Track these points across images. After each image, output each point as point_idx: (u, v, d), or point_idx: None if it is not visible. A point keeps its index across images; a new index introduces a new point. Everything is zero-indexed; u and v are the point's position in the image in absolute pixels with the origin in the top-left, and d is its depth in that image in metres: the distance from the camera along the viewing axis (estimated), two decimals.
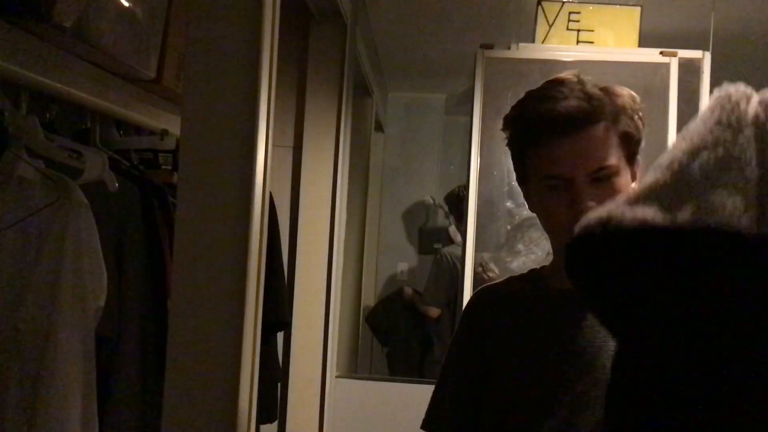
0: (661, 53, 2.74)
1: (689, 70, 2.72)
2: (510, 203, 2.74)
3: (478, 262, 2.70)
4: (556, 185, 1.09)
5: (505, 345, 1.19)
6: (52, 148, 1.40)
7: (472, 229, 2.69)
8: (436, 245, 4.68)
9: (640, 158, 1.15)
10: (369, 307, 4.45)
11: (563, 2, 2.84)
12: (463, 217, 2.85)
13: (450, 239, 4.33)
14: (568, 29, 2.85)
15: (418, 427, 1.31)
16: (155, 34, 1.63)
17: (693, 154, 0.69)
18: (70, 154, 1.46)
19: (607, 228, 0.69)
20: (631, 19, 2.85)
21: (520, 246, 2.69)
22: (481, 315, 1.26)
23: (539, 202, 1.15)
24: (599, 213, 0.71)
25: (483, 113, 2.72)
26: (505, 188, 2.74)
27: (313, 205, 2.60)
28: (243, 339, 1.25)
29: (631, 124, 1.11)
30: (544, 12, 2.86)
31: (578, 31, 2.85)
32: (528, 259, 2.66)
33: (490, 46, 2.79)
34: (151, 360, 1.52)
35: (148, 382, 1.51)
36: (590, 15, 2.86)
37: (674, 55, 2.72)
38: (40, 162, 1.33)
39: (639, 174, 1.15)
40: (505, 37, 2.89)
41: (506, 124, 1.16)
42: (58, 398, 1.27)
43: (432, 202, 4.90)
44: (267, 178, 1.36)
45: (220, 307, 1.26)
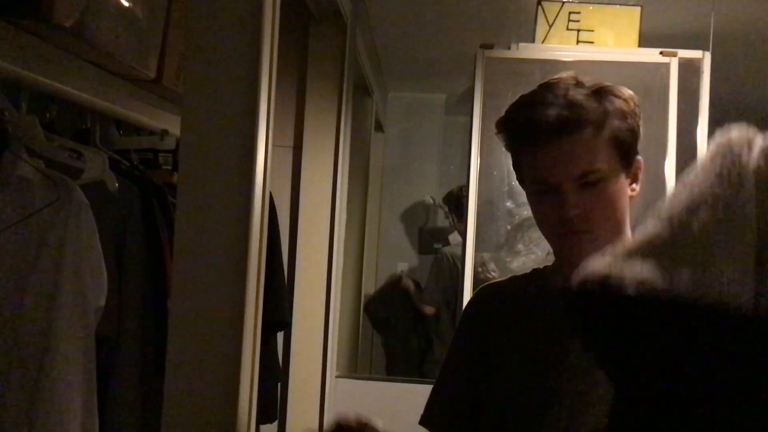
0: (661, 53, 2.74)
1: (689, 70, 2.72)
2: (510, 203, 2.74)
3: (479, 262, 2.70)
4: (544, 190, 1.11)
5: (506, 343, 1.19)
6: (52, 148, 1.40)
7: (472, 229, 2.69)
8: (436, 245, 4.68)
9: (640, 158, 1.14)
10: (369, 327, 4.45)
11: (563, 2, 2.84)
12: (463, 217, 2.86)
13: (449, 243, 4.36)
14: (568, 29, 2.85)
15: (417, 427, 1.31)
16: (155, 34, 1.63)
17: (692, 209, 0.69)
18: (70, 154, 1.46)
19: (605, 286, 0.70)
20: (631, 19, 2.84)
21: (520, 246, 2.69)
22: (483, 312, 1.26)
23: (531, 205, 1.17)
24: (598, 268, 0.72)
25: (483, 113, 2.72)
26: (505, 188, 2.74)
27: (313, 205, 2.60)
28: (243, 339, 1.25)
29: (622, 127, 1.09)
30: (544, 12, 2.85)
31: (578, 31, 2.85)
32: (528, 259, 2.66)
33: (490, 46, 2.79)
34: (151, 360, 1.52)
35: (148, 382, 1.51)
36: (590, 15, 2.86)
37: (674, 55, 2.72)
38: (40, 162, 1.33)
39: (640, 175, 1.15)
40: (505, 37, 2.89)
41: (497, 127, 1.17)
42: (58, 398, 1.27)
43: (432, 202, 4.90)
44: (267, 178, 1.36)
45: (220, 307, 1.26)
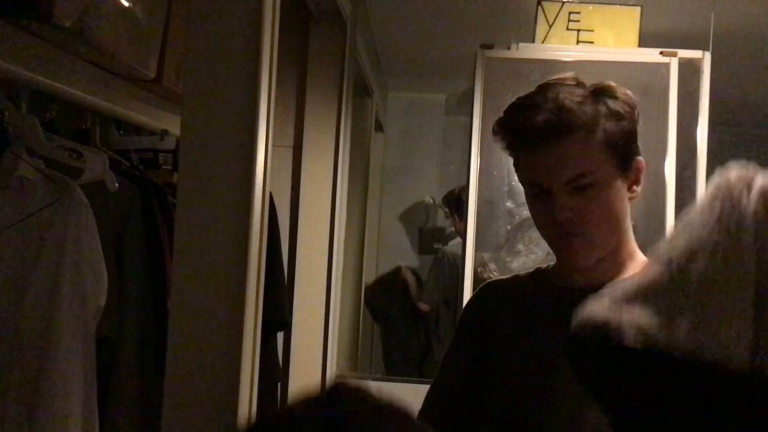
0: (661, 53, 2.73)
1: (689, 70, 2.72)
2: (510, 203, 2.74)
3: (478, 262, 2.70)
4: (537, 193, 1.12)
5: (506, 341, 1.19)
6: (52, 148, 1.40)
7: (472, 229, 2.69)
8: (436, 245, 4.69)
9: (641, 159, 1.13)
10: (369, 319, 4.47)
11: (563, 2, 2.84)
12: (463, 217, 2.86)
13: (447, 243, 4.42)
14: (568, 29, 2.85)
15: None
16: (155, 34, 1.63)
17: (691, 256, 0.69)
18: (70, 154, 1.46)
19: (603, 332, 0.70)
20: (631, 19, 2.84)
21: (520, 246, 2.69)
22: (484, 309, 1.26)
23: (528, 206, 1.18)
24: (596, 313, 0.72)
25: (483, 113, 2.72)
26: (505, 188, 2.74)
27: (313, 205, 2.60)
28: (243, 339, 1.25)
29: (617, 129, 1.09)
30: (544, 12, 2.85)
31: (578, 31, 2.85)
32: (528, 259, 2.66)
33: (490, 46, 2.79)
34: (151, 360, 1.52)
35: (148, 382, 1.51)
36: (590, 15, 2.85)
37: (674, 55, 2.72)
38: (40, 162, 1.33)
39: (642, 177, 1.14)
40: (505, 37, 2.89)
41: (493, 130, 1.17)
42: (58, 398, 1.27)
43: (432, 202, 4.90)
44: (267, 178, 1.36)
45: (220, 307, 1.26)
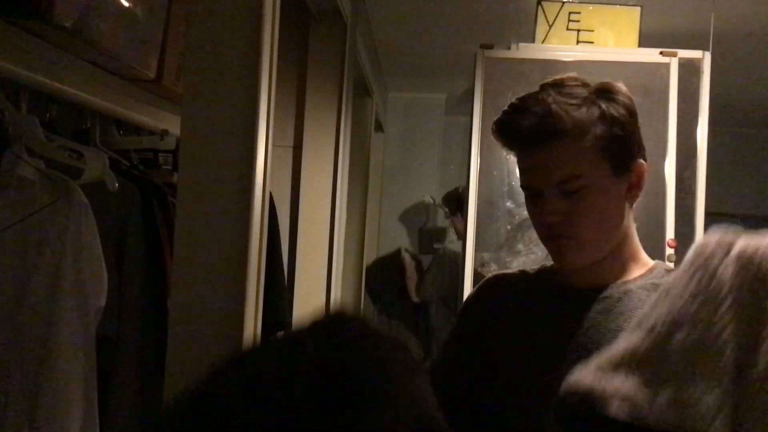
0: (661, 53, 2.74)
1: (689, 70, 2.72)
2: (510, 203, 2.74)
3: (479, 262, 2.70)
4: (531, 195, 1.13)
5: (509, 333, 1.18)
6: (52, 148, 1.40)
7: (472, 229, 2.69)
8: (436, 245, 4.69)
9: (642, 162, 1.12)
10: (369, 306, 4.49)
11: (563, 2, 2.84)
12: (462, 217, 2.86)
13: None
14: (568, 29, 2.85)
15: None
16: (155, 34, 1.63)
17: (673, 325, 0.72)
18: (70, 154, 1.46)
19: (587, 401, 0.73)
20: (631, 19, 2.85)
21: (520, 246, 2.69)
22: (491, 299, 1.26)
23: (526, 207, 1.19)
24: (581, 381, 0.74)
25: (483, 113, 2.72)
26: (505, 188, 2.74)
27: (313, 205, 2.60)
28: (243, 339, 1.25)
29: (611, 133, 1.08)
30: (544, 12, 2.86)
31: (578, 31, 2.85)
32: (528, 259, 2.66)
33: (490, 46, 2.80)
34: (151, 360, 1.52)
35: (148, 382, 1.51)
36: (590, 15, 2.86)
37: (674, 55, 2.72)
38: (40, 162, 1.33)
39: (643, 180, 1.13)
40: (505, 37, 2.89)
41: (492, 131, 1.17)
42: (58, 398, 1.27)
43: (432, 202, 4.90)
44: (267, 178, 1.36)
45: (220, 307, 1.26)
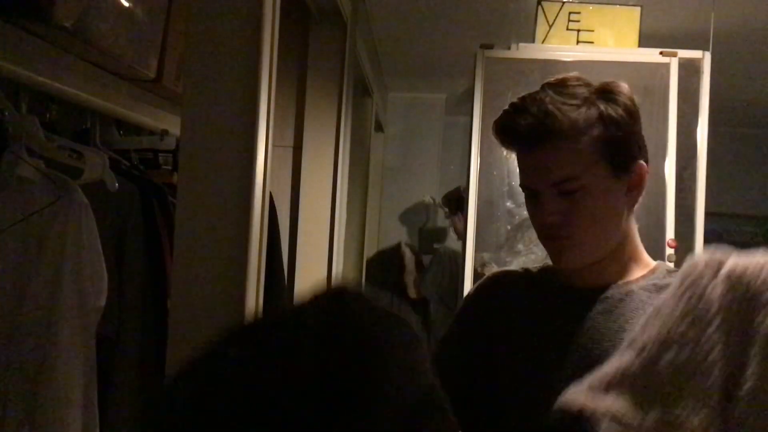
0: (661, 53, 2.74)
1: (689, 70, 2.72)
2: (510, 203, 2.74)
3: (479, 262, 2.70)
4: (529, 195, 1.13)
5: (508, 332, 1.18)
6: (52, 148, 1.40)
7: (472, 229, 2.69)
8: (436, 245, 4.69)
9: (643, 163, 1.11)
10: None
11: (563, 2, 2.84)
12: (462, 217, 2.86)
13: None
14: (568, 29, 2.85)
15: None
16: (155, 34, 1.63)
17: (662, 346, 0.73)
18: (70, 154, 1.46)
19: (579, 420, 0.75)
20: (631, 19, 2.85)
21: (520, 246, 2.69)
22: (492, 296, 1.25)
23: (526, 206, 1.19)
24: (573, 400, 0.76)
25: (483, 113, 2.72)
26: (505, 188, 2.74)
27: (313, 205, 2.60)
28: None
29: (610, 134, 1.07)
30: (544, 12, 2.86)
31: (578, 31, 2.85)
32: (528, 259, 2.66)
33: (490, 46, 2.80)
34: (151, 360, 1.52)
35: (148, 382, 1.51)
36: (590, 15, 2.86)
37: (674, 55, 2.72)
38: (40, 162, 1.33)
39: (644, 181, 1.12)
40: (505, 37, 2.89)
41: (492, 130, 1.17)
42: (58, 398, 1.27)
43: (432, 202, 4.90)
44: (267, 178, 1.36)
45: (220, 307, 1.26)
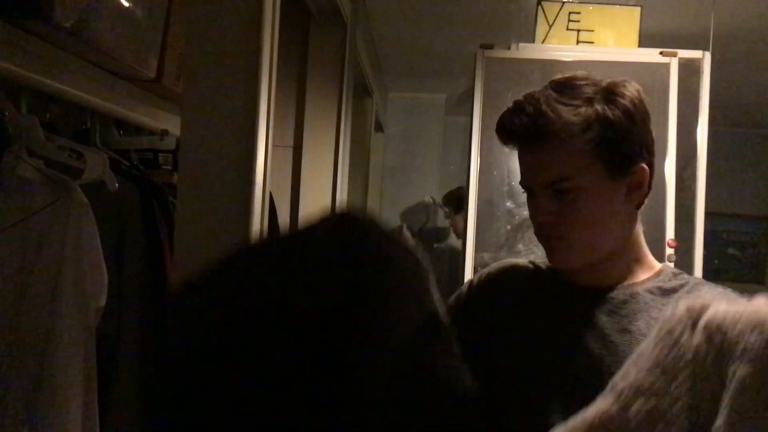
0: (661, 53, 2.74)
1: (689, 70, 2.72)
2: (510, 203, 2.74)
3: (479, 263, 2.70)
4: (528, 194, 1.13)
5: (511, 329, 1.17)
6: (52, 148, 1.40)
7: (472, 229, 2.69)
8: (436, 245, 4.69)
9: (645, 166, 1.08)
10: None
11: (563, 2, 2.85)
12: (462, 217, 2.86)
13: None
14: (568, 29, 2.85)
15: None
16: (155, 34, 1.63)
17: (636, 393, 0.77)
18: (70, 154, 1.46)
19: None
20: (631, 19, 2.85)
21: (520, 246, 2.69)
22: (500, 285, 1.25)
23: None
24: None
25: (483, 113, 2.72)
26: (505, 188, 2.74)
27: (313, 205, 2.60)
28: None
29: (606, 136, 1.05)
30: (544, 12, 2.86)
31: (578, 31, 2.85)
32: (528, 259, 2.65)
33: (490, 46, 2.80)
34: (151, 360, 1.52)
35: (148, 382, 1.51)
36: (590, 15, 2.86)
37: (674, 55, 2.72)
38: (40, 162, 1.33)
39: (645, 184, 1.10)
40: (505, 37, 2.89)
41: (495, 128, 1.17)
42: (58, 398, 1.27)
43: (432, 202, 4.90)
44: (267, 178, 1.36)
45: None
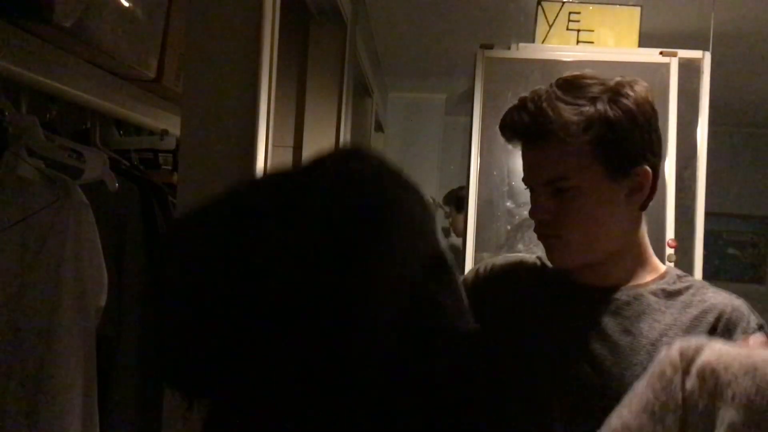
0: (661, 53, 2.74)
1: (689, 70, 2.72)
2: (510, 203, 2.74)
3: (474, 269, 2.69)
4: (529, 190, 1.13)
5: (513, 326, 1.16)
6: (52, 148, 1.40)
7: (472, 229, 2.69)
8: None
9: (647, 168, 1.07)
10: None
11: (563, 2, 2.85)
12: (462, 217, 2.86)
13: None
14: (568, 29, 2.85)
15: None
16: (155, 34, 1.63)
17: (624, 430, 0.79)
18: (70, 154, 1.46)
19: None
20: (631, 19, 2.85)
21: (520, 246, 2.68)
22: (505, 279, 1.26)
23: None
24: None
25: (483, 113, 2.72)
26: (505, 188, 2.74)
27: None
28: None
29: (607, 136, 1.04)
30: (544, 12, 2.86)
31: (578, 31, 2.85)
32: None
33: (490, 46, 2.80)
34: (152, 360, 1.52)
35: (148, 382, 1.51)
36: (590, 15, 2.86)
37: (674, 55, 2.72)
38: (40, 162, 1.33)
39: (646, 186, 1.08)
40: (505, 37, 2.89)
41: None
42: (58, 398, 1.27)
43: (432, 201, 4.91)
44: None
45: None
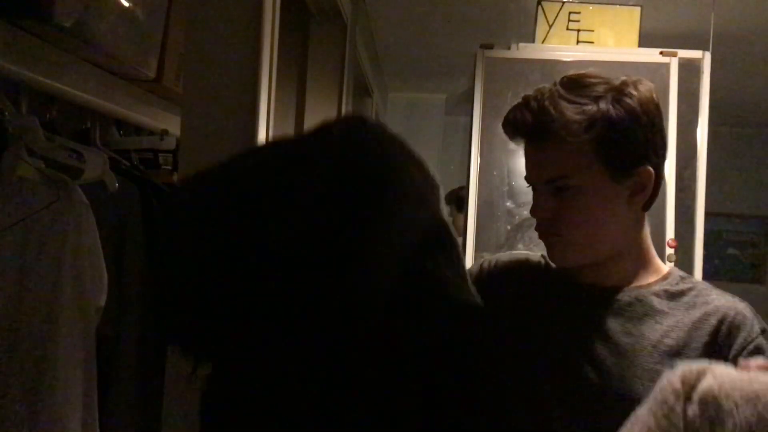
0: (661, 53, 2.73)
1: (689, 70, 2.72)
2: (510, 203, 2.74)
3: (479, 263, 2.69)
4: (532, 189, 1.13)
5: (516, 324, 1.17)
6: (52, 148, 1.40)
7: (473, 229, 2.69)
8: None
9: (650, 168, 1.07)
10: None
11: (563, 2, 2.85)
12: (463, 217, 2.85)
13: None
14: (568, 29, 2.85)
15: None
16: (155, 34, 1.64)
17: None
18: (70, 154, 1.46)
19: None
20: (631, 19, 2.85)
21: (520, 246, 2.68)
22: (509, 276, 1.26)
23: None
24: None
25: (483, 113, 2.72)
26: (505, 188, 2.74)
27: None
28: None
29: (608, 136, 1.04)
30: (544, 12, 2.86)
31: (578, 31, 2.85)
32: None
33: (490, 46, 2.80)
34: (151, 360, 1.52)
35: (148, 382, 1.51)
36: (590, 15, 2.86)
37: (674, 55, 2.72)
38: (40, 162, 1.33)
39: (649, 187, 1.08)
40: (505, 37, 2.89)
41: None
42: (58, 398, 1.27)
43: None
44: None
45: None
